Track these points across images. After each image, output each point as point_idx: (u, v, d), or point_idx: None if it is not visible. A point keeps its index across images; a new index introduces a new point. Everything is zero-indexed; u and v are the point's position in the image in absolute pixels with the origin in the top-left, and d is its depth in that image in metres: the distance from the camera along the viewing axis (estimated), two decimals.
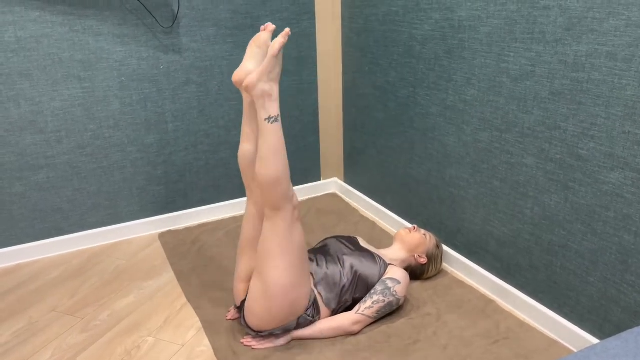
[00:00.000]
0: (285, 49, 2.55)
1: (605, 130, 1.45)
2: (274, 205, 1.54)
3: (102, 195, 2.36)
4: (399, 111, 2.28)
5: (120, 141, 2.32)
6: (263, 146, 1.52)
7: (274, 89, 1.52)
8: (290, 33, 1.52)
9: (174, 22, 2.28)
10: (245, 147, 1.68)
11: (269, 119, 1.51)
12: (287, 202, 1.55)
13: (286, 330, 1.66)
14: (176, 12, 2.27)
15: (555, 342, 1.66)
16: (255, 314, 1.61)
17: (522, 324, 1.75)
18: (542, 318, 1.74)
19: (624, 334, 1.12)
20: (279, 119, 1.53)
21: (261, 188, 1.54)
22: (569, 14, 1.47)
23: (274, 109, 1.52)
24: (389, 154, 2.41)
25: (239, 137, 2.56)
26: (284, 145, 1.54)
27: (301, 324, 1.66)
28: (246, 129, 1.67)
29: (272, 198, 1.53)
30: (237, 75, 1.61)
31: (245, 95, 1.67)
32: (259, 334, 1.67)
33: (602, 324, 1.56)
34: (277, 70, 1.52)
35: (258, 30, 2.45)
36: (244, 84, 1.50)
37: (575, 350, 1.62)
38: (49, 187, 2.24)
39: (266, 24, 1.63)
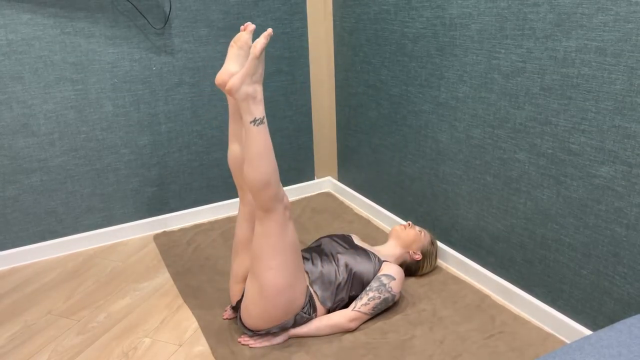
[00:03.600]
0: (278, 49, 2.55)
1: (595, 124, 1.46)
2: (264, 207, 1.53)
3: (96, 197, 2.35)
4: (391, 109, 2.29)
5: (113, 143, 2.32)
6: (250, 149, 1.50)
7: (258, 90, 1.49)
8: (272, 34, 1.49)
9: (165, 23, 2.28)
10: (234, 148, 1.68)
11: (254, 121, 1.48)
12: (278, 203, 1.54)
13: (283, 329, 1.67)
14: (168, 13, 2.27)
15: (549, 335, 1.68)
16: (252, 315, 1.62)
17: (516, 318, 1.77)
18: (537, 311, 1.76)
19: (617, 325, 1.14)
20: (265, 120, 1.50)
21: (251, 191, 1.53)
22: (558, 9, 1.49)
23: (259, 111, 1.49)
24: (383, 151, 2.42)
25: None
26: (271, 147, 1.52)
27: (298, 321, 1.67)
28: (234, 130, 1.68)
29: (262, 200, 1.52)
30: (219, 78, 1.59)
31: (229, 97, 1.67)
32: (256, 333, 1.67)
33: (596, 316, 1.58)
34: (260, 71, 1.49)
35: None
36: (226, 88, 1.47)
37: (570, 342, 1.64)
38: (43, 190, 2.24)
39: (246, 24, 1.61)
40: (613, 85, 1.40)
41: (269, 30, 1.48)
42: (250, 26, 1.60)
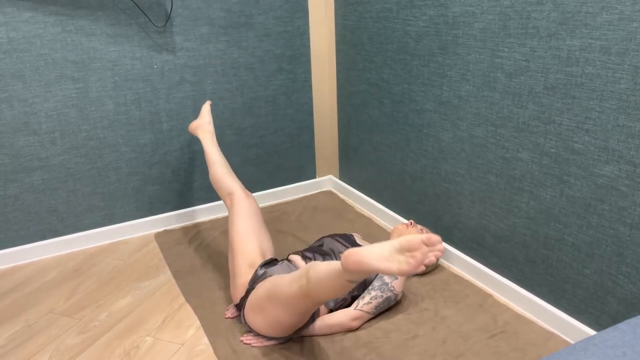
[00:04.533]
0: (279, 47, 2.55)
1: (599, 123, 1.46)
2: (309, 296, 1.40)
3: (97, 196, 2.35)
4: (393, 108, 2.29)
5: (114, 141, 2.31)
6: (330, 288, 1.31)
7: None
8: (443, 252, 1.19)
9: (167, 21, 2.27)
10: (214, 169, 2.02)
11: (352, 281, 1.27)
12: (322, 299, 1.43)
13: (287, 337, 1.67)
14: (169, 11, 2.26)
15: (552, 335, 1.68)
16: (257, 324, 1.62)
17: (519, 317, 1.76)
18: (539, 311, 1.75)
19: (620, 325, 1.14)
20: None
21: (309, 294, 1.39)
22: (563, 8, 1.48)
23: (362, 277, 1.26)
24: (385, 150, 2.42)
25: (233, 137, 2.56)
26: None
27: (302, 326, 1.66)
28: (209, 158, 2.07)
29: (313, 299, 1.41)
30: (193, 125, 2.20)
31: (200, 135, 2.17)
32: (259, 333, 1.67)
33: (599, 316, 1.58)
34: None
35: (252, 28, 2.45)
36: (351, 267, 1.21)
37: (573, 342, 1.64)
38: (44, 188, 2.23)
39: (207, 101, 2.25)
40: (617, 84, 1.39)
41: (440, 247, 1.15)
42: (208, 101, 2.25)
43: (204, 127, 2.17)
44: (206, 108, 2.23)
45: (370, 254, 1.16)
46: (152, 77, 2.31)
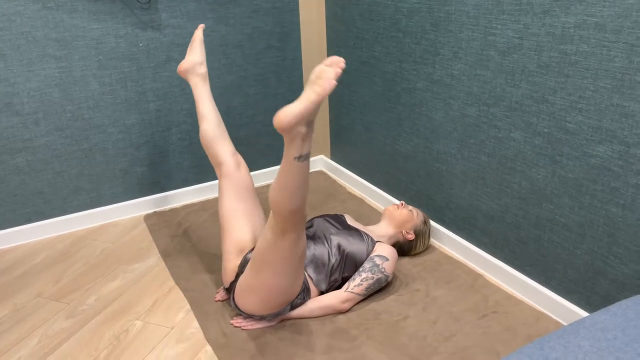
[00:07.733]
0: (268, 24, 2.48)
1: (593, 103, 1.43)
2: (284, 229, 1.43)
3: (84, 178, 2.31)
4: (385, 87, 2.25)
5: (100, 122, 2.26)
6: (287, 181, 1.36)
7: (312, 129, 1.32)
8: (344, 67, 1.28)
9: None
10: (204, 127, 1.84)
11: (299, 157, 1.33)
12: (299, 227, 1.45)
13: (278, 315, 1.65)
14: None
15: (542, 315, 1.68)
16: (248, 303, 1.60)
17: (510, 298, 1.76)
18: (530, 291, 1.75)
19: (612, 307, 1.13)
20: (310, 154, 1.36)
21: (276, 214, 1.42)
22: None
23: (306, 148, 1.33)
24: (376, 130, 2.38)
25: (223, 116, 2.52)
26: (308, 178, 1.40)
27: (293, 307, 1.65)
28: (200, 110, 1.85)
29: (285, 223, 1.42)
30: (182, 66, 1.88)
31: (191, 81, 1.89)
32: (249, 315, 1.66)
33: (589, 296, 1.58)
34: (317, 112, 1.30)
35: (240, 5, 2.38)
36: (276, 124, 1.26)
37: (564, 323, 1.64)
38: (29, 170, 2.19)
39: (200, 25, 1.91)
40: (612, 63, 1.36)
41: (340, 64, 1.25)
42: (201, 25, 1.90)
43: (195, 69, 1.86)
44: (198, 38, 1.88)
45: (292, 104, 1.26)
46: (138, 56, 2.25)
